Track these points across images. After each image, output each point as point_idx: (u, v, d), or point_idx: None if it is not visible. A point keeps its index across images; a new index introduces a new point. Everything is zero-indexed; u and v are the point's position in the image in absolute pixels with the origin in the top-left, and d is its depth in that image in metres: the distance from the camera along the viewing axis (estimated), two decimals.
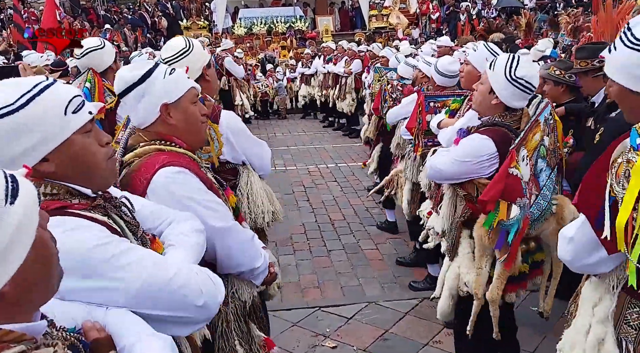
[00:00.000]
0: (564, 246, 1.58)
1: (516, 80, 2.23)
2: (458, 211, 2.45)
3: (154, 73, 1.69)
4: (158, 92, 1.68)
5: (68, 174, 1.20)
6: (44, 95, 1.14)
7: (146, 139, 1.73)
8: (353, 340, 3.37)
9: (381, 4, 19.15)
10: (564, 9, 18.00)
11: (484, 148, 2.25)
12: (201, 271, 1.34)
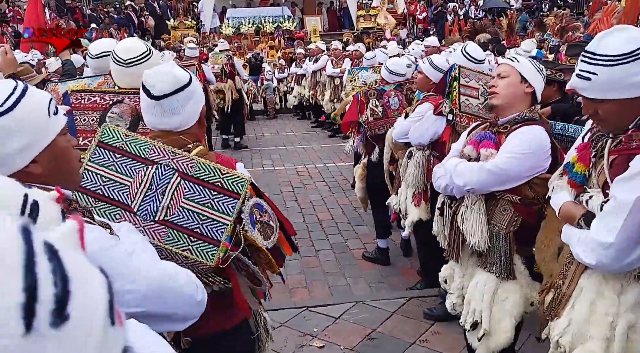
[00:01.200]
0: (601, 252, 1.58)
1: (541, 70, 2.29)
2: (501, 222, 2.24)
3: (192, 75, 1.71)
4: (199, 94, 1.71)
5: (52, 174, 1.23)
6: (27, 98, 1.15)
7: (190, 140, 1.73)
8: (340, 340, 3.37)
9: (369, 5, 19.21)
10: (550, 10, 18.20)
11: (544, 138, 2.17)
12: (186, 270, 1.39)
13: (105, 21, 17.55)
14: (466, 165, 2.28)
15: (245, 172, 1.72)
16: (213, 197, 1.59)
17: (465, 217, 2.29)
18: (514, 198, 2.20)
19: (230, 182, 1.61)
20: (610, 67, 1.56)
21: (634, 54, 1.53)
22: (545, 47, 9.68)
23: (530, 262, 2.23)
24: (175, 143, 1.68)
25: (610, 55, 1.55)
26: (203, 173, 1.61)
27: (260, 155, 8.85)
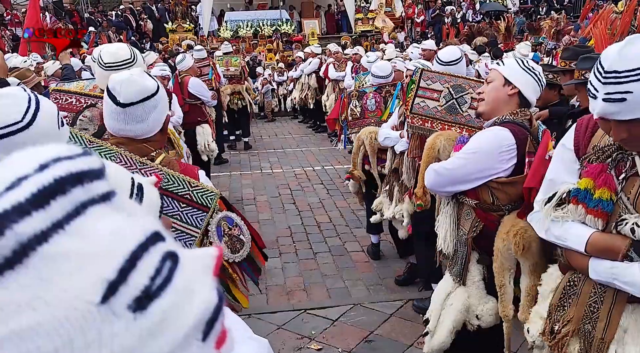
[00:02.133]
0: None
1: (532, 69, 2.14)
2: (465, 227, 2.18)
3: (159, 84, 1.71)
4: (164, 103, 1.72)
5: None
6: (42, 110, 1.19)
7: (153, 148, 1.73)
8: (338, 342, 3.38)
9: (367, 8, 19.28)
10: (547, 13, 18.28)
11: (503, 139, 2.02)
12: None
13: (103, 24, 17.56)
14: (430, 166, 2.28)
15: (207, 182, 1.74)
16: (182, 210, 1.60)
17: (438, 220, 2.31)
18: (473, 203, 2.13)
19: (200, 195, 1.63)
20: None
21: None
22: (541, 50, 9.73)
23: (491, 272, 2.11)
24: (138, 151, 1.66)
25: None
26: (172, 185, 1.60)
27: (259, 158, 8.86)
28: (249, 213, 6.07)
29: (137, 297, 0.37)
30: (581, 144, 1.70)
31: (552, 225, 1.67)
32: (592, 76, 1.46)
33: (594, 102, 1.46)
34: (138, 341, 0.37)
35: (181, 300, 0.40)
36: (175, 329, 0.39)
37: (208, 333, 0.42)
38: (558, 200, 1.66)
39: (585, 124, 1.72)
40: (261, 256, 1.93)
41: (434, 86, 3.03)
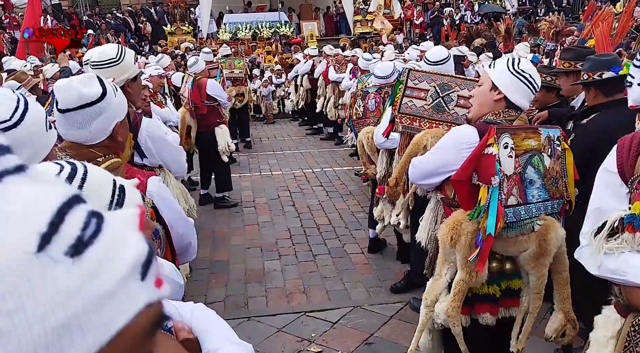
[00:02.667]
0: None
1: (521, 73, 2.09)
2: (439, 221, 2.28)
3: (108, 91, 1.69)
4: (113, 110, 1.70)
5: None
6: (31, 110, 1.21)
7: (100, 153, 1.72)
8: (338, 345, 3.37)
9: (365, 10, 19.29)
10: (546, 14, 18.30)
11: (465, 136, 2.08)
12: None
13: (102, 27, 17.56)
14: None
15: (158, 188, 1.71)
16: None
17: (425, 215, 2.46)
18: (439, 196, 2.26)
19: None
20: None
21: None
22: (540, 52, 9.74)
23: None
24: (84, 156, 1.64)
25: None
26: None
27: (258, 160, 8.85)
28: (248, 216, 6.06)
29: (72, 245, 0.42)
30: (626, 165, 1.55)
31: (606, 259, 1.51)
32: (631, 67, 1.44)
33: (631, 91, 1.43)
34: (81, 281, 0.41)
35: (114, 246, 0.45)
36: (114, 270, 0.44)
37: (146, 274, 0.46)
38: (610, 230, 1.51)
39: (629, 143, 1.57)
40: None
41: (421, 85, 3.05)
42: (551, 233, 1.99)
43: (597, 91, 2.89)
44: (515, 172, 1.98)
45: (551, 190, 2.07)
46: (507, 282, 2.09)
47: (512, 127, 2.05)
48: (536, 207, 2.03)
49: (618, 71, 2.82)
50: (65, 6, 19.41)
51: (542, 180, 2.05)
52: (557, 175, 2.10)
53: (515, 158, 1.97)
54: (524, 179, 2.00)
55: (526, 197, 2.00)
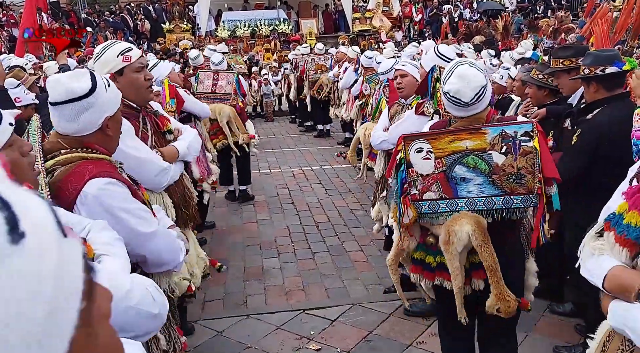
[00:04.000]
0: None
1: (445, 94, 2.24)
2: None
3: (98, 86, 1.71)
4: (103, 105, 1.72)
5: None
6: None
7: (66, 145, 1.73)
8: (337, 342, 3.37)
9: (364, 7, 19.26)
10: (544, 11, 18.28)
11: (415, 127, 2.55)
12: (146, 280, 1.44)
13: (100, 25, 17.52)
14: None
15: (99, 190, 1.65)
16: None
17: None
18: None
19: None
20: None
21: None
22: (539, 49, 9.72)
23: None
24: (53, 146, 1.74)
25: None
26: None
27: (257, 158, 8.82)
28: (247, 214, 6.05)
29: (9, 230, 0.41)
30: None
31: (587, 259, 1.46)
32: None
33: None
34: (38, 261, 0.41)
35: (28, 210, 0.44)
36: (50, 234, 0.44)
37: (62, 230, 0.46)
38: (600, 229, 1.45)
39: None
40: None
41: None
42: (455, 226, 2.18)
43: (598, 86, 2.90)
44: (435, 171, 2.24)
45: (506, 186, 2.16)
46: (441, 257, 2.31)
47: (429, 133, 2.32)
48: (470, 201, 2.22)
49: (622, 66, 2.83)
50: (64, 3, 19.36)
51: (487, 177, 2.19)
52: (524, 171, 2.14)
53: (436, 159, 2.24)
54: (452, 177, 2.23)
55: (455, 191, 2.23)
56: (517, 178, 2.14)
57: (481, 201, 2.20)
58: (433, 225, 2.33)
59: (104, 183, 1.65)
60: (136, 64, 2.45)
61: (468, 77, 2.17)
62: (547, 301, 3.54)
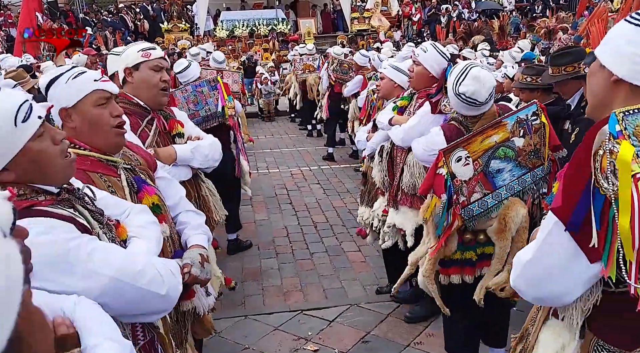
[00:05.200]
0: (519, 272, 1.35)
1: (459, 95, 2.41)
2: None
3: (60, 78, 1.70)
4: (57, 97, 1.70)
5: (28, 177, 1.27)
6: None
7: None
8: (334, 343, 3.37)
9: (363, 7, 19.26)
10: (543, 11, 18.29)
11: (435, 143, 2.54)
12: (163, 263, 1.47)
13: (98, 25, 17.49)
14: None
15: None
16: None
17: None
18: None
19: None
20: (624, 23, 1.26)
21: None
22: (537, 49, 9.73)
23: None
24: None
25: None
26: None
27: (255, 158, 8.83)
28: (245, 214, 6.05)
29: None
30: None
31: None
32: None
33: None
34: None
35: None
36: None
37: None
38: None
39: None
40: None
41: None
42: (511, 213, 2.34)
43: None
44: (475, 173, 2.34)
45: (529, 163, 2.42)
46: (482, 248, 2.49)
47: (464, 139, 2.34)
48: (509, 187, 2.39)
49: None
50: (62, 3, 19.33)
51: (515, 161, 2.39)
52: (538, 145, 2.43)
53: (473, 162, 2.33)
54: (489, 172, 2.36)
55: (494, 184, 2.37)
56: (535, 153, 2.43)
57: (515, 183, 2.40)
58: (481, 224, 2.41)
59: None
60: (154, 62, 2.41)
61: (482, 78, 2.38)
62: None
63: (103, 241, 1.37)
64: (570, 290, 1.26)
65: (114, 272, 1.29)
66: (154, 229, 1.59)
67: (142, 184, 1.86)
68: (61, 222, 1.27)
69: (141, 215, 1.60)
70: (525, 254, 1.33)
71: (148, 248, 1.49)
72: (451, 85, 2.45)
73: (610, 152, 1.13)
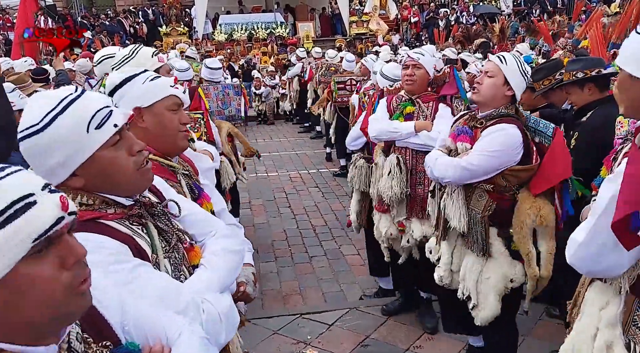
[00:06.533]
0: (573, 251, 1.53)
1: (526, 74, 2.49)
2: (478, 207, 2.49)
3: (137, 78, 1.70)
4: (134, 95, 1.69)
5: (98, 185, 1.23)
6: (67, 113, 1.16)
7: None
8: (334, 347, 3.36)
9: (361, 10, 19.29)
10: (540, 15, 18.36)
11: (516, 137, 2.40)
12: (211, 307, 1.27)
13: (96, 29, 17.49)
14: (444, 160, 2.54)
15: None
16: None
17: (447, 203, 2.57)
18: (488, 187, 2.46)
19: None
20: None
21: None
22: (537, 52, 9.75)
23: (509, 242, 2.48)
24: None
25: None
26: None
27: (254, 161, 8.82)
28: (244, 218, 6.03)
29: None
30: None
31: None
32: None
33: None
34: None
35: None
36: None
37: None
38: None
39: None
40: None
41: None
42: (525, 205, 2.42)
43: (595, 88, 2.97)
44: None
45: None
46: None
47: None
48: None
49: (609, 68, 2.98)
50: (60, 7, 19.34)
51: None
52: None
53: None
54: None
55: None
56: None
57: None
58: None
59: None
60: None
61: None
62: (545, 305, 3.54)
63: (162, 266, 1.27)
64: (620, 265, 1.45)
65: (148, 309, 1.15)
66: (228, 259, 1.43)
67: (201, 191, 1.83)
68: (114, 242, 1.19)
69: (221, 240, 1.46)
70: (579, 235, 1.51)
71: (209, 282, 1.33)
72: (517, 66, 2.45)
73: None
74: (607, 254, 1.44)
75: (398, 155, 3.21)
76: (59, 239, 0.83)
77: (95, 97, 1.25)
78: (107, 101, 1.25)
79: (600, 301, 1.60)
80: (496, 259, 2.50)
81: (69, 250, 0.84)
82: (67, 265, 0.83)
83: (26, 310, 0.80)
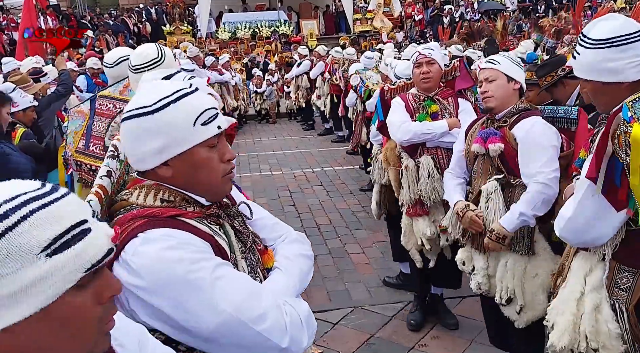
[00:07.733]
0: (563, 225, 1.75)
1: (519, 64, 2.58)
2: None
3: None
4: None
5: (183, 181, 1.23)
6: (180, 103, 1.18)
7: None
8: (339, 346, 3.34)
9: (365, 8, 19.25)
10: (545, 11, 18.25)
11: (550, 127, 2.45)
12: (293, 310, 1.23)
13: (100, 28, 17.52)
14: (536, 197, 2.36)
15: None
16: None
17: (485, 206, 2.50)
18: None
19: None
20: (590, 50, 1.70)
21: (610, 41, 1.65)
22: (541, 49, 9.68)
23: (550, 237, 2.44)
24: None
25: (592, 39, 1.69)
26: None
27: (258, 160, 8.83)
28: None
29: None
30: None
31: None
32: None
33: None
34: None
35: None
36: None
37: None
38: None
39: None
40: None
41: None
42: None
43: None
44: None
45: None
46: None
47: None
48: None
49: None
50: (64, 7, 19.39)
51: None
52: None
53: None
54: None
55: None
56: None
57: None
58: None
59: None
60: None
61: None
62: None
63: (240, 267, 1.25)
64: (606, 234, 1.67)
65: (232, 309, 1.12)
66: (301, 262, 1.40)
67: (240, 189, 1.79)
68: (199, 239, 1.17)
69: (292, 245, 1.44)
70: (567, 211, 1.74)
71: (286, 286, 1.30)
72: (510, 60, 2.54)
73: (624, 132, 1.53)
74: (593, 225, 1.67)
75: (431, 156, 3.13)
76: (101, 272, 0.78)
77: (206, 97, 1.27)
78: (216, 103, 1.27)
79: (584, 268, 1.80)
80: (540, 256, 2.46)
81: (107, 285, 0.79)
82: (102, 300, 0.78)
83: (60, 345, 0.74)
